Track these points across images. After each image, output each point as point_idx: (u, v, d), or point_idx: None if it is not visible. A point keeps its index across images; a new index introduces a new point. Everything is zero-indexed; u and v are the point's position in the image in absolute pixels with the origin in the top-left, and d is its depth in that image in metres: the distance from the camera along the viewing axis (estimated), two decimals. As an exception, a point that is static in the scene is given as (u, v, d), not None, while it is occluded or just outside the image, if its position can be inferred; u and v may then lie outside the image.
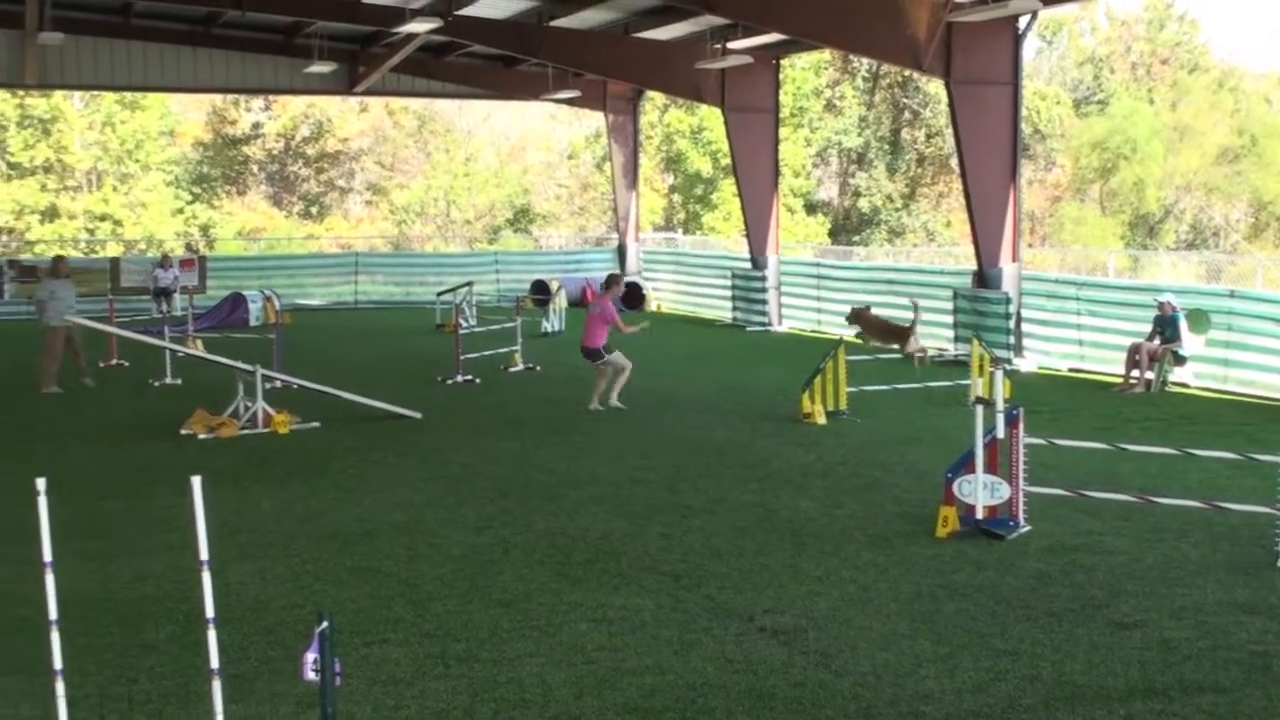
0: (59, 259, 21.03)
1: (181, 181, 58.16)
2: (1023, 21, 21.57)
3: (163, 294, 31.24)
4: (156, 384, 19.56)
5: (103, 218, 53.57)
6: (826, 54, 46.06)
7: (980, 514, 10.02)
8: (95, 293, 32.68)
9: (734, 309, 30.32)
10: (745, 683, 6.87)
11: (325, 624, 4.90)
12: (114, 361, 22.06)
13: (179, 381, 19.50)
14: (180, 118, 58.94)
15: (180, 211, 56.15)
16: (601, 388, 17.02)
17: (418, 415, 16.09)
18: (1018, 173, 22.19)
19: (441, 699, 6.64)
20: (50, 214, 53.34)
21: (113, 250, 47.55)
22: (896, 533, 10.16)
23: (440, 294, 29.89)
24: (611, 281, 18.06)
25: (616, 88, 34.60)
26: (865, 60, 48.70)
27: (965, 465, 10.11)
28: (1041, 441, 11.04)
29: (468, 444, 14.36)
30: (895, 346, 20.49)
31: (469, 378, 19.66)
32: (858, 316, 20.84)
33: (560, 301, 28.41)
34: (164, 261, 32.26)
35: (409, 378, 19.98)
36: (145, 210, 54.08)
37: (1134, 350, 18.83)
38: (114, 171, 54.34)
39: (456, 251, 47.79)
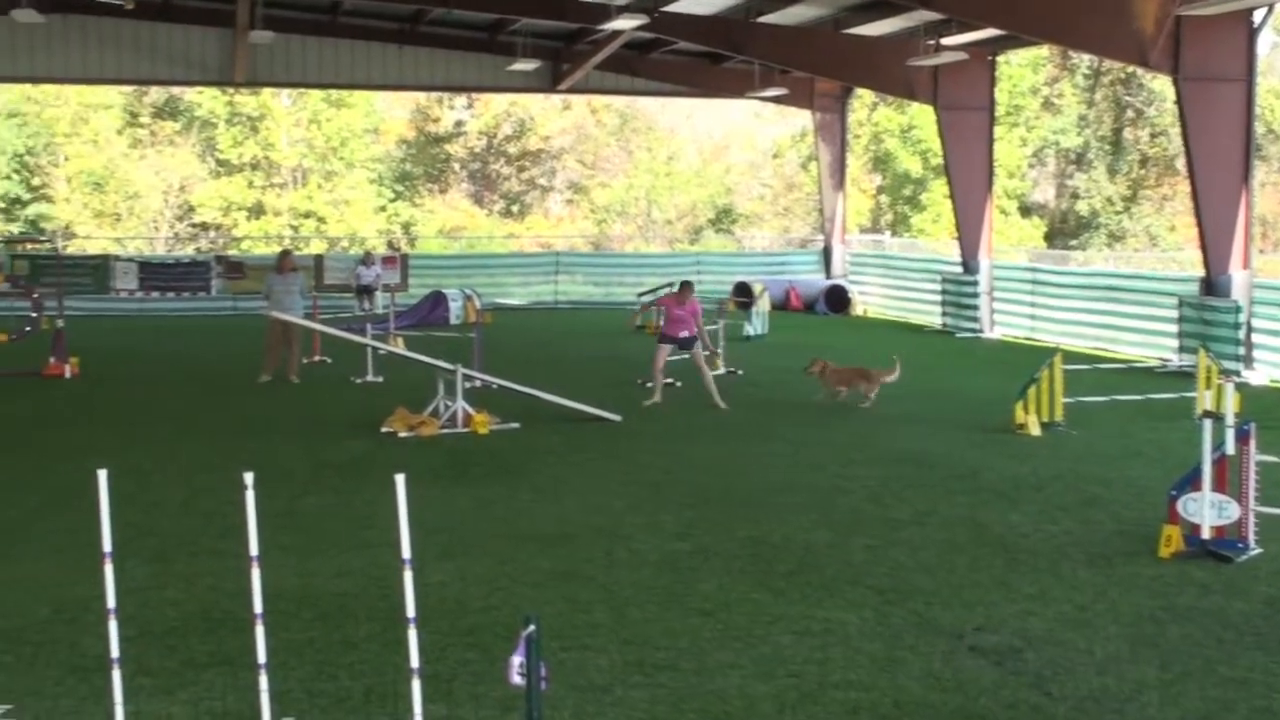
0: (284, 255, 21.74)
1: (384, 179, 59.56)
2: (1258, 15, 20.89)
3: (365, 291, 32.02)
4: (358, 381, 20.05)
5: (307, 214, 55.15)
6: (1045, 50, 45.20)
7: (1206, 534, 9.71)
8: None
9: (943, 314, 29.93)
10: (954, 703, 6.76)
11: (532, 627, 4.95)
12: (317, 358, 22.65)
13: (380, 379, 19.97)
14: (384, 115, 60.37)
15: (383, 209, 57.54)
16: (711, 386, 17.74)
17: (617, 418, 16.21)
18: (1250, 174, 21.47)
19: (641, 708, 6.66)
20: (256, 210, 55.10)
21: (316, 247, 48.93)
22: (1116, 551, 9.90)
23: (641, 295, 30.09)
24: (681, 287, 18.44)
25: (824, 85, 34.44)
26: (1086, 56, 47.63)
27: (1191, 483, 9.80)
28: (1275, 459, 10.64)
29: (668, 448, 14.41)
30: (847, 389, 18.15)
31: (669, 381, 19.73)
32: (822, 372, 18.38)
33: (763, 304, 28.35)
34: (366, 259, 33.06)
35: (608, 380, 20.14)
36: (348, 207, 55.55)
37: (1376, 364, 18.06)
38: (319, 169, 55.91)
39: (657, 252, 48.05)
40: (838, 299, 34.47)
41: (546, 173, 63.43)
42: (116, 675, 5.67)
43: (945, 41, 26.75)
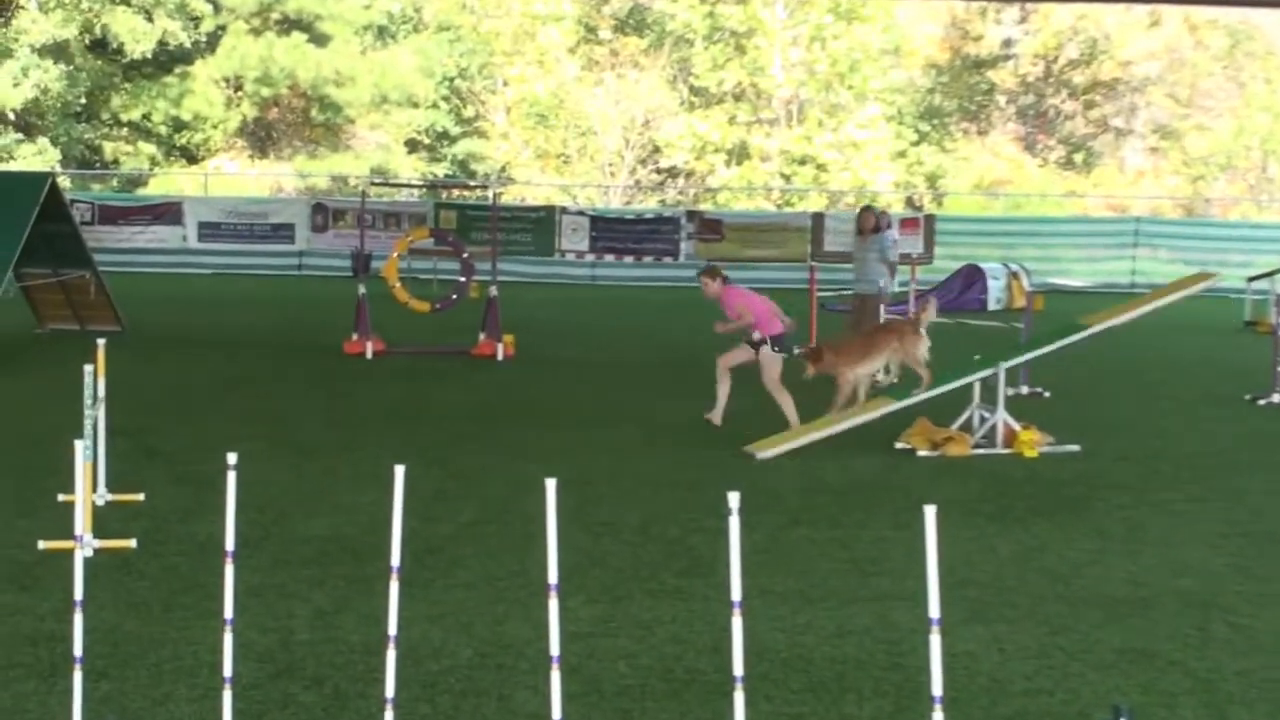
0: (863, 211, 22.32)
1: (905, 116, 59.72)
2: None
3: (877, 263, 32.21)
4: (866, 381, 20.24)
5: (802, 161, 55.88)
6: None
7: None
8: (790, 258, 34.23)
9: None
10: None
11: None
12: (812, 346, 22.96)
13: (895, 380, 20.01)
14: (908, 32, 60.50)
15: (902, 155, 57.75)
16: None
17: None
18: None
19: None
20: (738, 154, 56.20)
21: (814, 203, 49.58)
22: None
23: (1251, 279, 29.12)
24: None
25: None
26: None
27: None
28: None
29: (1289, 490, 13.89)
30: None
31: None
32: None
33: None
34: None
35: (1203, 393, 19.64)
36: (857, 152, 55.96)
37: None
38: (820, 101, 56.52)
39: (1276, 222, 46.39)
40: None
41: (1124, 111, 62.25)
42: (557, 741, 5.86)
43: None
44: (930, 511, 5.40)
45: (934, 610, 5.47)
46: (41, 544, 10.20)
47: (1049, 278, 33.97)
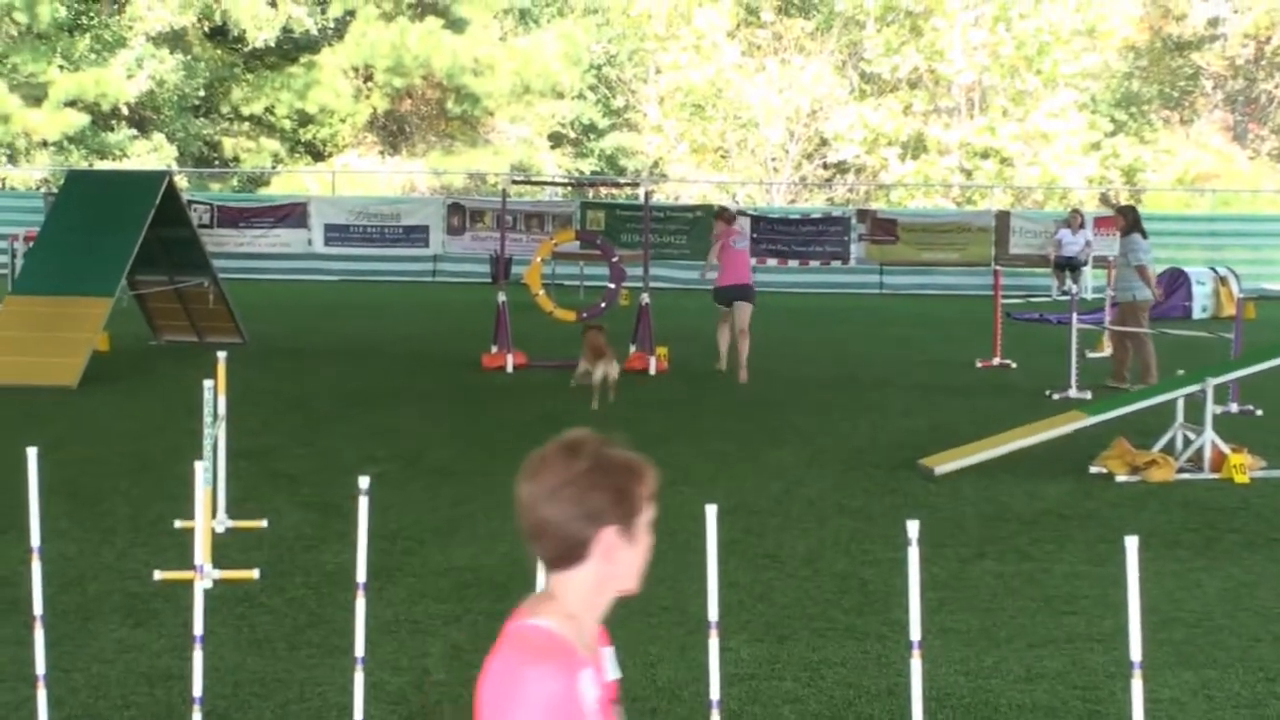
0: (1123, 211, 22.47)
1: (1100, 104, 59.15)
2: None
3: (1068, 266, 31.94)
4: (1055, 396, 20.06)
5: (985, 154, 55.55)
6: None
7: None
8: (972, 261, 34.00)
9: None
10: None
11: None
12: (995, 361, 22.84)
13: (1088, 395, 19.86)
14: (1105, 11, 59.90)
15: (1096, 147, 57.17)
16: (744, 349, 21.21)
17: None
18: None
19: None
20: (914, 147, 55.92)
21: (998, 202, 49.25)
22: None
23: None
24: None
25: None
26: None
27: None
28: None
29: None
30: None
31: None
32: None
33: None
34: (1072, 220, 32.97)
35: None
36: (1046, 144, 55.54)
37: None
38: (1005, 88, 56.14)
39: None
40: None
41: (1344, 96, 61.39)
42: (719, 795, 5.86)
43: None
44: (1131, 543, 5.35)
45: (1135, 653, 5.42)
46: (158, 574, 10.36)
47: (1261, 283, 33.52)
